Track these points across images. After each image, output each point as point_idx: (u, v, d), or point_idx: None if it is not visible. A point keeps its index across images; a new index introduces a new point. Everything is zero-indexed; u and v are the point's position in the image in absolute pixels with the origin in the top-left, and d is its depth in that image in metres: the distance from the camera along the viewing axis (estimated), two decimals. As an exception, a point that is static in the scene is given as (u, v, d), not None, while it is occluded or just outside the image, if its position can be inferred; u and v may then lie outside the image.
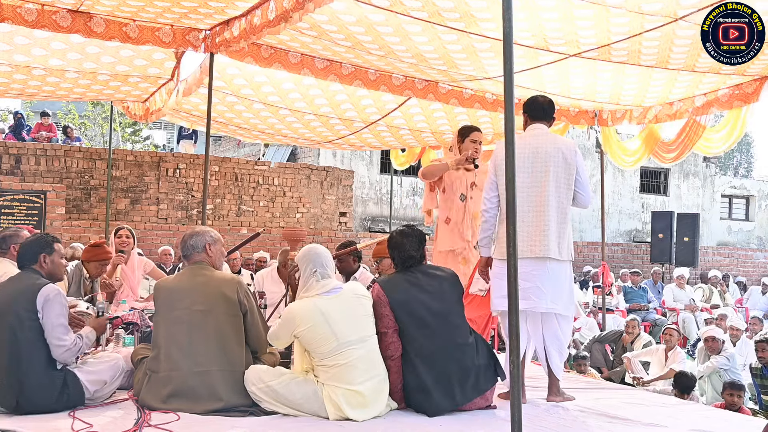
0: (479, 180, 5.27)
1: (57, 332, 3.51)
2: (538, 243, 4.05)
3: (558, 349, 4.21)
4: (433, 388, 3.69)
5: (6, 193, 10.45)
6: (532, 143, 4.15)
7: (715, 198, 22.65)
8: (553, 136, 4.28)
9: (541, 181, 4.09)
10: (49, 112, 14.48)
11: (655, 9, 4.68)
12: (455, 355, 3.76)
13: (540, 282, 4.07)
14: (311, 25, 5.45)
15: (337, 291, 3.71)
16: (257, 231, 6.71)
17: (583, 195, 4.22)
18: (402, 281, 3.89)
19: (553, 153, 4.10)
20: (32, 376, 3.45)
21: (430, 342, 3.75)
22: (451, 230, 5.28)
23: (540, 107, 4.29)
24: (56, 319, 3.51)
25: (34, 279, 3.61)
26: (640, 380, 7.58)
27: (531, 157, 4.10)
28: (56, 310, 3.52)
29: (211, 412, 3.51)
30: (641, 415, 4.03)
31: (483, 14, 4.94)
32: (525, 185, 4.06)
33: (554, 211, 4.07)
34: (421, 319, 3.78)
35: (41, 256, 3.71)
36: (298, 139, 10.15)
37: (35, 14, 5.23)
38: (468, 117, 8.67)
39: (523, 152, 4.08)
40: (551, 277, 4.09)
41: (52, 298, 3.51)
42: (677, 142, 7.58)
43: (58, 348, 3.51)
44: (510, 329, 3.07)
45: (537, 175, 4.09)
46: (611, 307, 10.82)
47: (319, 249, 3.85)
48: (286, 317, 3.68)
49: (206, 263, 3.90)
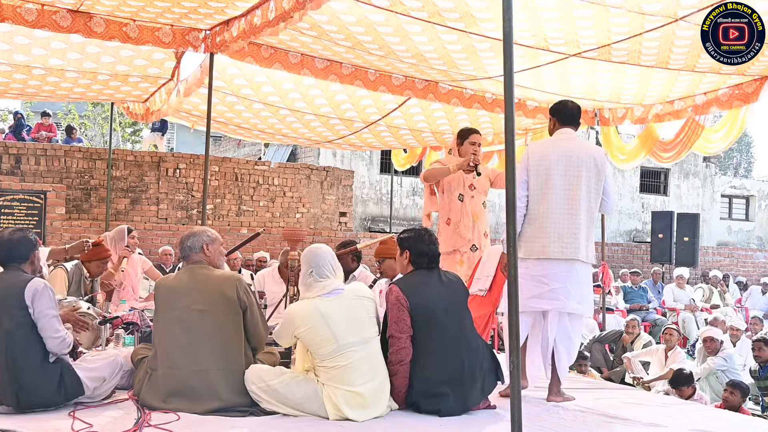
0: (478, 182, 5.30)
1: (52, 323, 3.51)
2: (569, 245, 4.13)
3: (568, 349, 4.27)
4: (447, 390, 3.67)
5: (6, 193, 10.45)
6: (565, 147, 4.21)
7: (715, 198, 22.63)
8: (584, 142, 4.39)
9: (573, 185, 4.15)
10: (49, 112, 14.46)
11: (655, 9, 4.68)
12: (467, 358, 3.76)
13: (569, 283, 4.15)
14: (311, 25, 5.45)
15: (339, 292, 3.70)
16: (257, 231, 6.71)
17: (607, 201, 4.33)
18: (420, 283, 3.85)
19: (586, 159, 4.19)
20: (28, 372, 3.44)
21: (444, 344, 3.74)
22: (453, 230, 5.30)
23: (570, 112, 4.35)
24: (48, 311, 3.51)
25: (19, 275, 3.59)
26: (640, 380, 7.58)
27: (564, 161, 4.17)
28: (46, 302, 3.51)
29: (211, 411, 3.51)
30: (641, 415, 4.03)
31: (483, 14, 4.94)
32: (558, 188, 4.14)
33: (584, 214, 4.17)
34: (438, 322, 3.76)
35: (34, 253, 3.72)
36: (298, 138, 10.15)
37: (35, 14, 5.23)
38: (468, 117, 8.67)
39: (556, 156, 4.16)
40: (579, 279, 4.19)
41: (40, 291, 3.50)
42: (675, 141, 7.59)
43: (53, 339, 3.51)
44: (510, 329, 3.08)
45: (570, 179, 4.16)
46: (611, 307, 10.82)
47: (321, 249, 3.82)
48: (286, 318, 3.68)
49: (205, 263, 3.90)
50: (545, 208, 4.13)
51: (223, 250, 4.09)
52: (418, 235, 3.93)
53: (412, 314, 3.71)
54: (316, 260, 3.73)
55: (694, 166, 22.19)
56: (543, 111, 7.92)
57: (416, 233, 3.95)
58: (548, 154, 4.16)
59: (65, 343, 3.56)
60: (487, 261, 5.01)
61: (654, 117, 7.53)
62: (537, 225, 4.13)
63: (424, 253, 3.89)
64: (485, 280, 4.90)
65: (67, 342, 3.58)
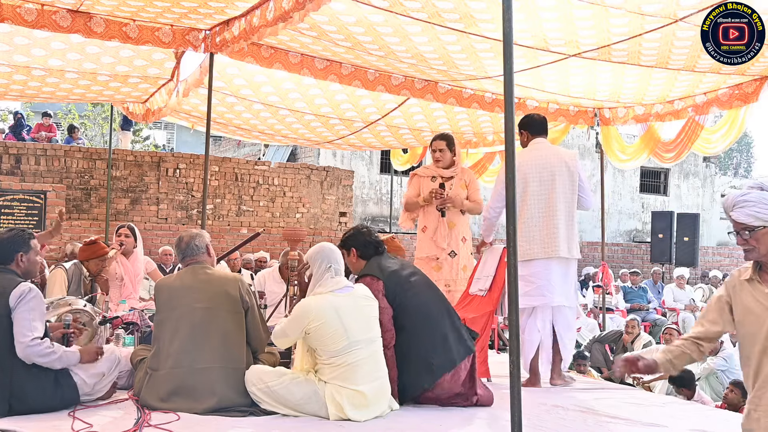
0: (453, 192, 5.29)
1: (20, 327, 3.34)
2: (549, 244, 4.55)
3: (571, 337, 4.77)
4: (433, 349, 3.81)
5: (6, 193, 10.45)
6: (539, 156, 4.64)
7: (715, 198, 22.63)
8: (555, 149, 4.82)
9: (548, 189, 4.57)
10: (50, 112, 14.47)
11: (654, 10, 4.68)
12: (447, 316, 3.97)
13: (552, 279, 4.58)
14: (311, 26, 5.45)
15: (349, 289, 3.72)
16: (257, 231, 6.71)
17: (585, 198, 4.72)
18: (382, 262, 4.00)
19: (558, 164, 4.61)
20: (20, 377, 3.37)
21: (424, 306, 3.92)
22: (429, 238, 5.33)
23: (539, 123, 4.83)
24: (22, 314, 3.35)
25: (8, 278, 3.48)
26: (640, 380, 7.57)
27: (539, 168, 4.59)
28: (26, 306, 3.37)
29: (211, 410, 3.52)
30: (641, 415, 4.03)
31: (482, 15, 4.94)
32: (535, 194, 4.57)
33: (562, 215, 4.57)
34: (414, 287, 3.96)
35: (18, 255, 3.57)
36: (297, 139, 10.15)
37: (35, 14, 5.23)
38: (468, 116, 8.67)
39: (531, 165, 4.59)
40: (561, 274, 4.62)
41: (25, 295, 3.39)
42: (676, 142, 7.59)
43: (19, 344, 3.33)
44: (510, 329, 3.08)
45: (545, 185, 4.58)
46: (611, 307, 10.82)
47: (332, 246, 3.87)
48: (299, 312, 3.62)
49: (206, 263, 3.92)
50: (526, 214, 4.54)
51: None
52: (356, 232, 4.11)
53: (388, 290, 3.84)
54: (333, 255, 3.76)
55: (694, 166, 22.19)
56: (543, 111, 7.92)
57: (354, 230, 4.14)
58: (523, 165, 4.54)
59: (32, 350, 3.34)
60: (487, 261, 5.02)
61: (654, 116, 7.54)
62: (520, 231, 4.45)
63: (369, 242, 4.05)
64: (485, 280, 4.92)
65: (36, 351, 3.34)
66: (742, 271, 2.69)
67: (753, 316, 2.59)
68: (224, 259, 5.86)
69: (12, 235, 3.62)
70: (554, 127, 8.28)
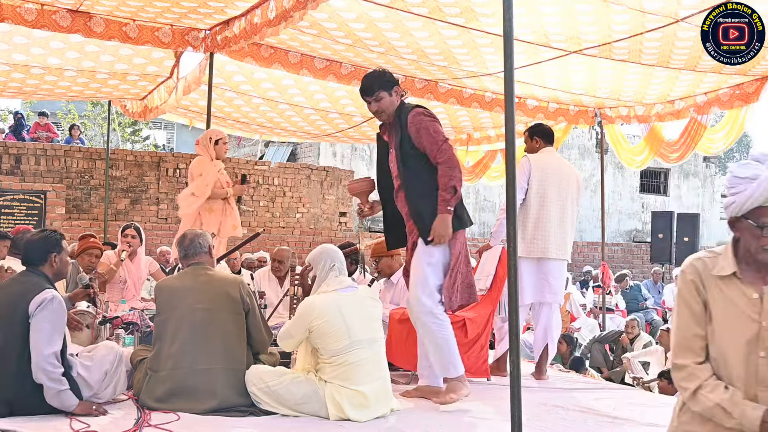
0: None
1: (38, 336, 3.26)
2: (561, 247, 4.89)
3: (558, 333, 5.13)
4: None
5: (6, 193, 10.44)
6: (555, 164, 4.95)
7: (715, 198, 22.63)
8: (566, 161, 5.19)
9: (565, 196, 4.90)
10: (47, 112, 14.42)
11: (656, 8, 4.68)
12: None
13: (562, 280, 5.02)
14: (311, 23, 5.44)
15: (353, 289, 3.73)
16: (257, 231, 6.71)
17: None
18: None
19: (571, 174, 4.98)
20: (22, 379, 3.33)
21: None
22: None
23: (551, 134, 5.14)
24: (40, 323, 3.28)
25: (35, 282, 3.42)
26: (640, 380, 7.57)
27: (557, 174, 4.88)
28: (45, 316, 3.30)
29: (211, 411, 3.51)
30: (641, 415, 4.02)
31: (483, 9, 4.94)
32: (554, 199, 4.85)
33: (569, 222, 4.93)
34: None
35: (51, 256, 3.50)
36: (296, 132, 10.15)
37: (35, 14, 5.23)
38: (468, 115, 8.67)
39: (551, 170, 4.87)
40: (562, 275, 5.05)
41: (46, 304, 3.31)
42: (680, 142, 7.61)
43: (37, 355, 3.25)
44: (510, 329, 3.08)
45: (562, 192, 4.88)
46: (611, 307, 10.81)
47: (335, 247, 3.91)
48: (303, 310, 3.61)
49: (207, 264, 3.92)
50: (545, 216, 4.80)
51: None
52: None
53: None
54: (337, 255, 3.78)
55: (694, 167, 22.19)
56: (543, 110, 7.92)
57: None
58: (544, 168, 4.84)
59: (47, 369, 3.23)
60: (487, 261, 5.01)
61: (655, 116, 7.54)
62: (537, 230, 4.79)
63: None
64: (485, 280, 4.91)
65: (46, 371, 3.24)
66: (708, 264, 2.17)
67: (730, 322, 2.11)
68: (224, 259, 5.85)
69: (44, 236, 3.57)
70: (554, 126, 8.27)
